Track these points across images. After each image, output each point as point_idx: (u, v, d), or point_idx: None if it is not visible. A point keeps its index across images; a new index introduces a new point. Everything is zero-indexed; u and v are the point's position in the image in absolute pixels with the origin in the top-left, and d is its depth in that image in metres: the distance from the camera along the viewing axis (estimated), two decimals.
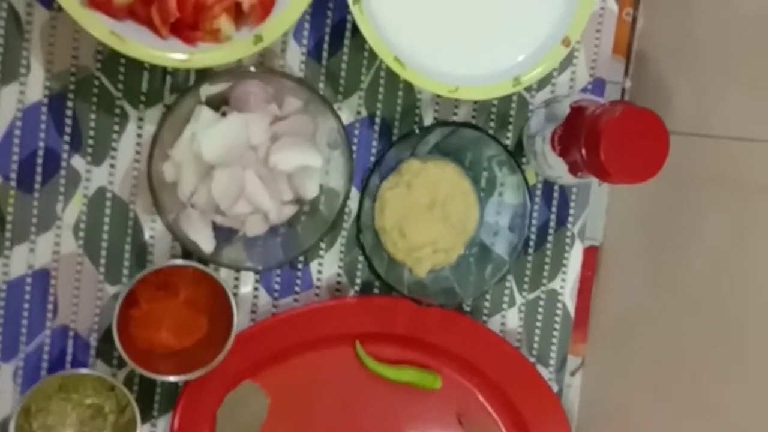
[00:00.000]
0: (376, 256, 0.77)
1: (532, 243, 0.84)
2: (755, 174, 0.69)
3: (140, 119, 0.75)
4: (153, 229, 0.76)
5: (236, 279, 0.79)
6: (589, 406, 0.86)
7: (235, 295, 0.76)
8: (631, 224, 0.84)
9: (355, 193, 0.77)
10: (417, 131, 0.77)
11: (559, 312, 0.85)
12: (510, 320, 0.84)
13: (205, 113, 0.72)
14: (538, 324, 0.85)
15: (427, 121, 0.81)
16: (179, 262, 0.73)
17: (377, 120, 0.80)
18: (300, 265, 0.80)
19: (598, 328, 0.86)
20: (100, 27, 0.66)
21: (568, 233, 0.85)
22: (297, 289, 0.80)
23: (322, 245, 0.80)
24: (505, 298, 0.84)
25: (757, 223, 0.69)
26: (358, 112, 0.79)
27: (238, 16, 0.70)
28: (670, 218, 0.79)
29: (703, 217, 0.74)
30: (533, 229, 0.84)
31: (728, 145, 0.72)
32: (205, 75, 0.74)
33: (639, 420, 0.79)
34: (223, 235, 0.74)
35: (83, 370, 0.73)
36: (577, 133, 0.71)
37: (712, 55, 0.76)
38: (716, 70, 0.75)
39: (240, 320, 0.73)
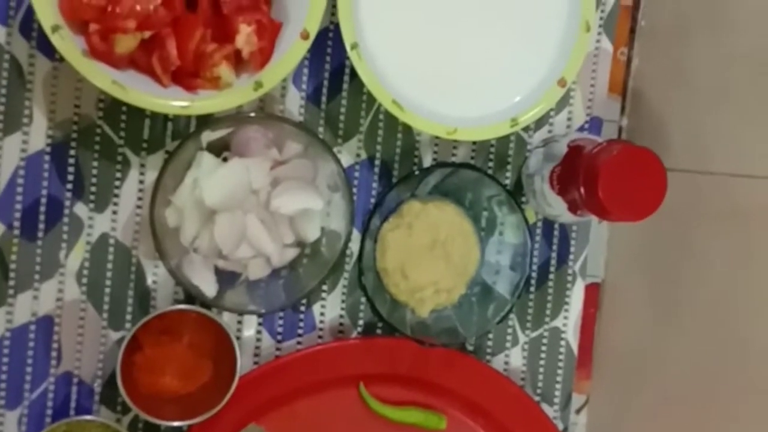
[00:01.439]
0: (378, 297, 0.77)
1: (533, 281, 0.84)
2: (754, 210, 0.70)
3: (142, 166, 0.76)
4: (155, 275, 0.77)
5: (239, 323, 0.79)
6: None
7: (238, 338, 0.76)
8: (633, 260, 0.84)
9: (356, 235, 0.78)
10: (417, 172, 0.78)
11: (562, 350, 0.85)
12: (513, 359, 0.84)
13: (207, 159, 0.72)
14: (542, 362, 0.85)
15: (427, 162, 0.81)
16: (182, 306, 0.73)
17: (377, 162, 0.80)
18: (303, 308, 0.80)
19: (602, 365, 0.86)
20: (101, 77, 0.66)
21: (570, 271, 0.85)
22: (300, 331, 0.80)
23: (325, 287, 0.80)
24: (508, 337, 0.84)
25: (758, 258, 0.69)
26: (358, 155, 0.80)
27: (238, 63, 0.71)
28: (670, 254, 0.79)
29: (703, 253, 0.75)
30: (534, 267, 0.84)
31: (726, 182, 0.72)
32: (205, 121, 0.75)
33: None
34: (226, 279, 0.75)
35: (88, 417, 0.73)
36: (576, 172, 0.72)
37: (707, 93, 0.76)
38: (712, 108, 0.76)
39: (243, 363, 0.73)
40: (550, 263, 0.85)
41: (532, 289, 0.84)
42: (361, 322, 0.81)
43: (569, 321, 0.85)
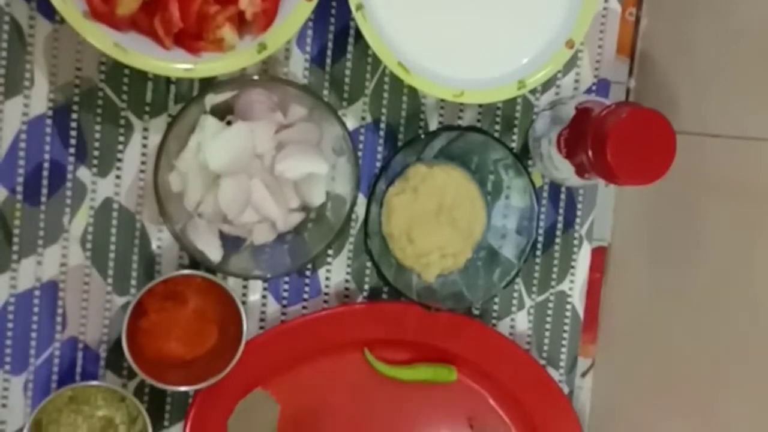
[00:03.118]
0: (384, 262, 0.77)
1: (539, 245, 0.84)
2: (762, 173, 0.69)
3: (145, 129, 0.75)
4: (160, 240, 0.76)
5: (244, 287, 0.79)
6: (601, 407, 0.86)
7: (243, 303, 0.76)
8: (639, 225, 0.84)
9: (361, 200, 0.77)
10: (422, 136, 0.77)
11: (568, 314, 0.85)
12: (519, 323, 0.84)
13: (210, 123, 0.72)
14: (548, 326, 0.85)
15: (432, 125, 0.81)
16: (187, 271, 0.73)
17: (382, 125, 0.80)
18: (308, 273, 0.80)
19: (608, 329, 0.86)
20: (103, 39, 0.66)
21: (576, 235, 0.84)
22: (305, 296, 0.80)
23: (330, 252, 0.80)
24: (514, 301, 0.84)
25: (763, 223, 0.68)
26: (363, 118, 0.79)
27: (241, 25, 0.70)
28: (677, 218, 0.78)
29: (710, 217, 0.74)
30: (541, 231, 0.83)
31: (735, 145, 0.72)
32: (209, 84, 0.74)
33: (650, 420, 0.79)
34: (231, 243, 0.74)
35: (93, 382, 0.73)
36: (584, 135, 0.71)
37: (716, 54, 0.75)
38: (721, 69, 0.75)
39: (249, 328, 0.73)
40: (557, 227, 0.84)
41: (538, 253, 0.84)
42: (366, 286, 0.81)
43: (575, 285, 0.85)
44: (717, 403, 0.72)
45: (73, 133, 0.74)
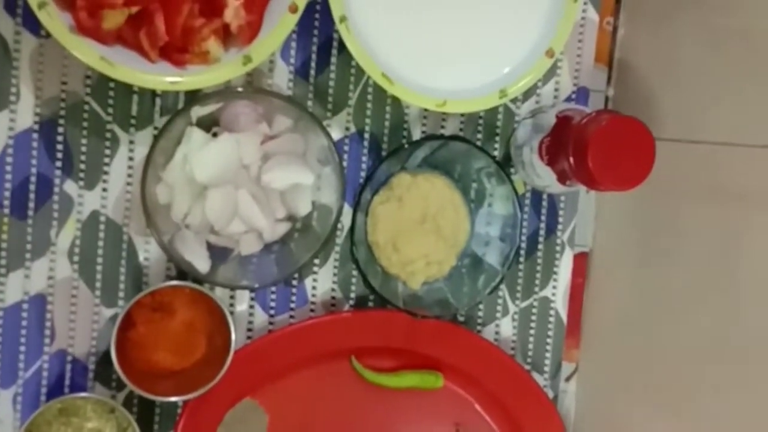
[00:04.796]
0: (370, 270, 0.78)
1: (522, 252, 0.85)
2: (740, 178, 0.70)
3: (131, 142, 0.76)
4: (147, 251, 0.77)
5: (232, 297, 0.79)
6: (585, 411, 0.87)
7: (231, 313, 0.76)
8: (620, 230, 0.85)
9: (347, 209, 0.78)
10: (406, 146, 0.78)
11: (551, 319, 0.86)
12: (504, 329, 0.85)
13: (196, 134, 0.72)
14: (532, 332, 0.86)
15: (416, 135, 0.82)
16: (175, 283, 0.73)
17: (366, 135, 0.80)
18: (295, 282, 0.80)
19: (591, 333, 0.87)
20: (89, 53, 0.66)
21: (558, 241, 0.86)
22: (292, 305, 0.80)
23: (316, 261, 0.80)
24: (499, 307, 0.85)
25: (743, 227, 0.70)
26: (347, 129, 0.80)
27: (227, 37, 0.70)
28: (658, 223, 0.80)
29: (690, 222, 0.75)
30: (523, 238, 0.84)
31: (713, 151, 0.73)
32: (194, 97, 0.75)
33: (634, 422, 0.80)
34: (218, 254, 0.75)
35: (83, 394, 0.73)
36: (565, 143, 0.72)
37: (694, 61, 0.77)
38: (698, 76, 0.76)
39: (237, 338, 0.73)
40: (539, 233, 0.85)
41: (521, 259, 0.85)
42: (353, 295, 0.82)
43: (558, 290, 0.86)
44: (700, 404, 0.73)
45: (60, 146, 0.74)
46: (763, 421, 0.67)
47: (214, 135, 0.73)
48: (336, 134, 0.79)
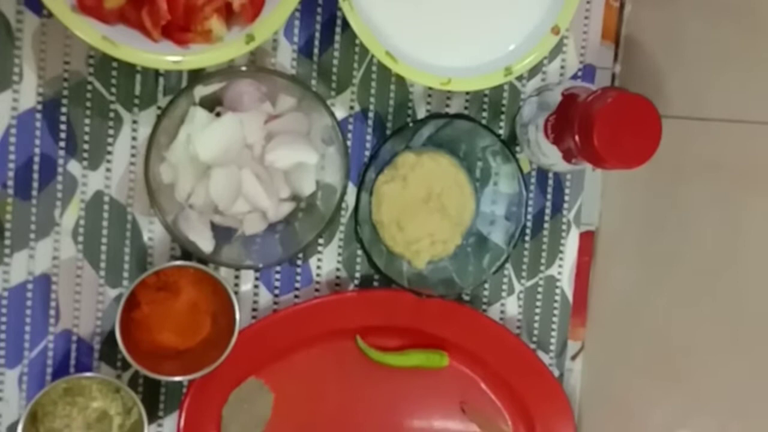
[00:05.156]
0: (374, 249, 0.77)
1: (528, 231, 0.84)
2: (747, 155, 0.70)
3: (134, 122, 0.76)
4: (152, 231, 0.77)
5: (236, 277, 0.79)
6: (591, 390, 0.87)
7: (236, 293, 0.76)
8: (627, 208, 0.85)
9: (351, 188, 0.78)
10: (411, 124, 0.77)
11: (557, 298, 0.86)
12: (509, 308, 0.85)
13: (200, 114, 0.72)
14: (537, 310, 0.85)
15: (420, 113, 0.81)
16: (179, 263, 0.73)
17: (371, 114, 0.80)
18: (299, 262, 0.80)
19: (597, 312, 0.87)
20: (91, 32, 0.66)
21: (564, 219, 0.85)
22: (297, 285, 0.80)
23: (321, 241, 0.80)
24: (504, 286, 0.84)
25: (750, 206, 0.69)
26: (351, 107, 0.80)
27: (229, 16, 0.70)
28: (664, 201, 0.79)
29: (697, 200, 0.75)
30: (529, 216, 0.84)
31: (720, 128, 0.72)
32: (197, 76, 0.74)
33: (640, 401, 0.80)
34: (222, 234, 0.75)
35: (88, 374, 0.73)
36: (571, 121, 0.72)
37: (700, 38, 0.76)
38: (705, 53, 0.75)
39: (242, 318, 0.73)
40: (545, 212, 0.85)
41: (527, 238, 0.85)
42: (357, 274, 0.82)
43: (564, 269, 0.86)
44: (706, 384, 0.73)
45: (63, 126, 0.74)
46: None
47: (218, 114, 0.73)
48: (340, 113, 0.79)
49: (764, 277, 0.67)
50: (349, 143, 0.79)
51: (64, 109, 0.74)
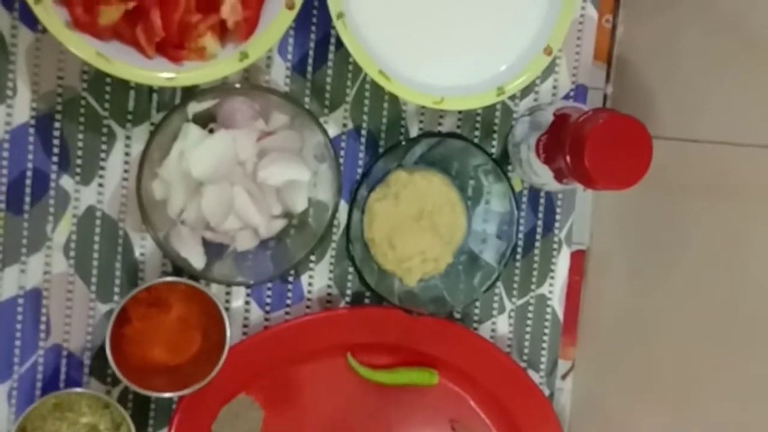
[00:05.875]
0: (366, 267, 0.78)
1: (519, 249, 0.85)
2: (738, 177, 0.70)
3: (127, 138, 0.76)
4: (143, 247, 0.77)
5: (227, 294, 0.79)
6: (581, 409, 0.87)
7: (226, 309, 0.76)
8: (617, 228, 0.85)
9: (343, 206, 0.78)
10: (403, 143, 0.78)
11: (548, 317, 0.86)
12: (500, 326, 0.85)
13: (193, 131, 0.72)
14: (528, 329, 0.86)
15: (413, 132, 0.81)
16: (170, 279, 0.73)
17: (363, 132, 0.80)
18: (291, 278, 0.80)
19: (587, 331, 0.87)
20: (85, 48, 0.66)
21: (555, 239, 0.85)
22: (288, 302, 0.80)
23: (312, 258, 0.80)
24: (495, 305, 0.85)
25: (740, 226, 0.70)
26: (344, 125, 0.80)
27: (223, 33, 0.70)
28: (655, 221, 0.80)
29: (687, 221, 0.75)
30: (520, 235, 0.84)
31: (711, 149, 0.73)
32: (191, 93, 0.75)
33: (630, 421, 0.80)
34: (214, 250, 0.75)
35: (77, 389, 0.73)
36: (562, 141, 0.72)
37: (692, 60, 0.77)
38: (697, 75, 0.76)
39: (232, 334, 0.73)
40: (536, 231, 0.85)
41: (518, 257, 0.85)
42: (349, 291, 0.82)
43: (555, 288, 0.86)
44: (696, 402, 0.73)
45: (56, 141, 0.74)
46: (759, 420, 0.67)
47: (211, 131, 0.73)
48: (333, 131, 0.79)
49: (755, 297, 0.68)
50: (341, 161, 0.80)
51: (57, 124, 0.74)
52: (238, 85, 0.76)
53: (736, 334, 0.69)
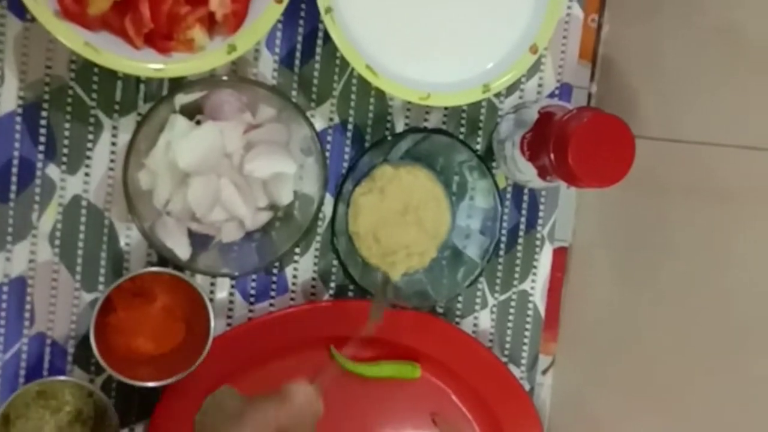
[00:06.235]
0: (350, 260, 0.78)
1: (502, 245, 0.85)
2: (719, 178, 0.71)
3: (114, 128, 0.76)
4: (129, 237, 0.77)
5: (212, 285, 0.79)
6: (561, 404, 0.88)
7: (211, 300, 0.76)
8: (600, 226, 0.86)
9: (329, 199, 0.79)
10: (389, 138, 0.78)
11: (530, 312, 0.87)
12: (482, 321, 0.86)
13: (180, 122, 0.72)
14: (510, 324, 0.86)
15: (399, 127, 0.82)
16: (155, 269, 0.73)
17: (350, 127, 0.81)
18: (275, 270, 0.81)
19: (568, 327, 0.88)
20: (74, 38, 0.66)
21: (538, 235, 0.86)
22: (272, 293, 0.81)
23: (297, 250, 0.81)
24: (478, 300, 0.85)
25: (721, 226, 0.70)
26: (331, 119, 0.80)
27: (212, 25, 0.70)
28: (637, 220, 0.80)
29: (668, 219, 0.76)
30: (504, 231, 0.85)
31: (693, 150, 0.73)
32: (178, 84, 0.75)
33: (609, 415, 0.81)
34: (199, 241, 0.75)
35: (61, 377, 0.73)
36: (546, 139, 0.73)
37: (676, 60, 0.77)
38: (681, 75, 0.77)
39: (216, 325, 0.73)
40: (519, 228, 0.86)
41: (501, 252, 0.85)
42: (333, 284, 0.82)
43: (537, 284, 0.87)
44: (675, 398, 0.74)
45: (43, 130, 0.74)
46: (737, 415, 0.68)
47: (198, 123, 0.74)
48: (319, 125, 0.80)
49: (736, 297, 0.69)
50: (327, 154, 0.80)
51: (44, 113, 0.74)
52: (225, 78, 0.76)
53: (715, 333, 0.70)
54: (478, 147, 0.84)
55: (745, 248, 0.68)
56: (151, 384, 0.73)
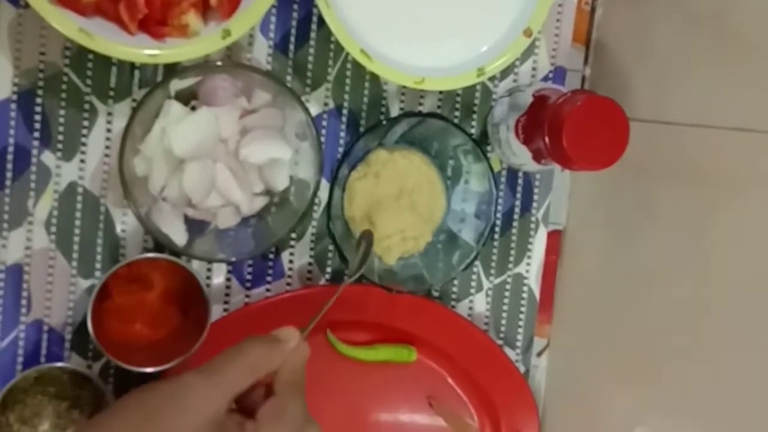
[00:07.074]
0: (346, 245, 0.78)
1: (497, 229, 0.86)
2: (712, 160, 0.71)
3: (109, 114, 0.76)
4: (125, 223, 0.77)
5: (209, 270, 0.80)
6: (556, 386, 0.89)
7: (207, 286, 0.77)
8: (594, 209, 0.86)
9: (324, 184, 0.79)
10: (384, 122, 0.78)
11: (524, 295, 0.87)
12: (477, 304, 0.86)
13: (175, 108, 0.72)
14: (505, 307, 0.87)
15: (394, 111, 0.82)
16: (152, 255, 0.73)
17: (345, 111, 0.81)
18: (271, 256, 0.81)
19: (563, 309, 0.89)
20: (68, 24, 0.66)
21: (533, 218, 0.87)
22: (269, 278, 0.81)
23: (293, 236, 0.81)
24: (473, 283, 0.86)
25: (713, 208, 0.71)
26: (326, 104, 0.80)
27: (206, 11, 0.70)
28: (631, 202, 0.81)
29: (662, 201, 0.76)
30: (499, 215, 0.85)
31: (686, 132, 0.74)
32: (173, 70, 0.75)
33: (602, 398, 0.82)
34: (195, 227, 0.75)
35: (59, 364, 0.73)
36: (541, 122, 0.73)
37: (670, 43, 0.77)
38: (674, 58, 0.77)
39: (213, 311, 0.74)
40: (514, 211, 0.86)
41: (496, 236, 0.86)
42: (329, 269, 0.82)
43: (532, 267, 0.87)
44: (669, 379, 0.74)
45: (38, 117, 0.74)
46: (728, 393, 0.68)
47: (193, 108, 0.74)
48: (314, 109, 0.80)
49: (728, 279, 0.69)
50: (322, 139, 0.80)
51: (39, 100, 0.74)
52: (220, 63, 0.76)
53: (708, 315, 0.71)
54: (473, 131, 0.84)
55: (735, 229, 0.69)
56: (148, 370, 0.73)
